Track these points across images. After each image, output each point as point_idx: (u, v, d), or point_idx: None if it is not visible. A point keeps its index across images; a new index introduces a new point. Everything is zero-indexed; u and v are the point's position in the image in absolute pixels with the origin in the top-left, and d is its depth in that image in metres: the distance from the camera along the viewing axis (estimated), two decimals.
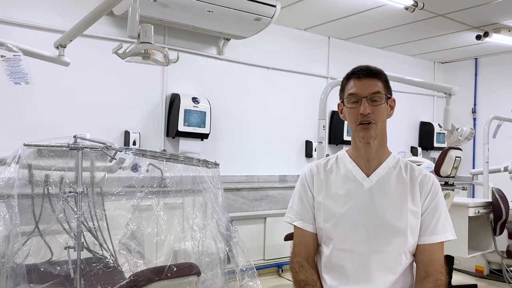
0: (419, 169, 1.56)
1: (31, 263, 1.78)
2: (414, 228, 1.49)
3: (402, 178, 1.52)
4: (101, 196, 2.08)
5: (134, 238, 1.87)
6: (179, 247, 1.91)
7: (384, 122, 1.51)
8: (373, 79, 1.50)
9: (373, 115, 1.46)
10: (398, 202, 1.49)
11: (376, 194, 1.50)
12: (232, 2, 3.63)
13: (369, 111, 1.45)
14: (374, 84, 1.49)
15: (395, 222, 1.47)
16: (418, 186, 1.51)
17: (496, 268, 4.31)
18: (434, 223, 1.49)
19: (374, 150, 1.53)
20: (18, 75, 2.13)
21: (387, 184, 1.51)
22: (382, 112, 1.49)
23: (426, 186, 1.52)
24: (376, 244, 1.47)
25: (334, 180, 1.57)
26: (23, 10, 3.43)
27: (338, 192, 1.54)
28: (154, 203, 1.78)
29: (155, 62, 1.92)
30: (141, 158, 1.74)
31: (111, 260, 2.04)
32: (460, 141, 3.28)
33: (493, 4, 4.07)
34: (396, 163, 1.56)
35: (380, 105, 1.48)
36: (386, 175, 1.53)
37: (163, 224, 1.79)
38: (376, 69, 1.54)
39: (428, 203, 1.51)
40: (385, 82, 1.52)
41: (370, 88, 1.48)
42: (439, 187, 1.55)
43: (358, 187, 1.52)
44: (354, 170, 1.55)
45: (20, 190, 1.56)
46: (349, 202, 1.51)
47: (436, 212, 1.50)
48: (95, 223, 2.04)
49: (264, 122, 4.76)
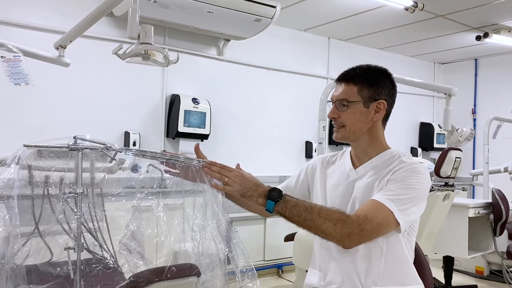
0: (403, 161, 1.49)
1: (31, 264, 1.78)
2: None
3: (384, 171, 1.50)
4: (101, 197, 2.08)
5: (134, 239, 1.87)
6: (179, 248, 1.91)
7: (356, 125, 1.51)
8: (347, 84, 1.53)
9: (341, 119, 1.53)
10: (367, 194, 1.48)
11: (356, 186, 1.54)
12: (232, 3, 3.63)
13: (335, 115, 1.54)
14: (346, 90, 1.52)
15: None
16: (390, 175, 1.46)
17: (496, 269, 4.30)
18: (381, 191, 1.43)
19: (361, 150, 1.57)
20: (18, 76, 2.13)
21: (369, 177, 1.52)
22: (350, 116, 1.51)
23: (392, 171, 1.46)
24: None
25: (332, 171, 1.65)
26: (23, 11, 3.43)
27: (330, 182, 1.62)
28: (154, 204, 1.78)
29: (155, 62, 1.92)
30: (141, 158, 1.74)
31: (111, 261, 2.04)
32: (460, 141, 3.28)
33: (493, 5, 4.07)
34: (388, 158, 1.53)
35: (346, 110, 1.51)
36: (372, 169, 1.53)
37: (163, 225, 1.79)
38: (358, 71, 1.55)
39: (389, 180, 1.45)
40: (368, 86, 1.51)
41: (340, 94, 1.54)
42: (409, 170, 1.45)
43: (344, 178, 1.58)
44: (347, 162, 1.62)
45: (20, 191, 1.56)
46: (336, 191, 1.58)
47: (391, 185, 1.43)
48: (95, 224, 2.04)
49: (264, 123, 4.76)
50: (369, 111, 1.52)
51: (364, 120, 1.52)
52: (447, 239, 3.62)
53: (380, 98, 1.53)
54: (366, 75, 1.55)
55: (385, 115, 1.56)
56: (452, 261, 3.91)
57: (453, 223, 3.60)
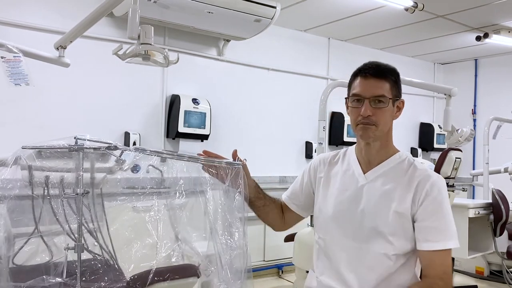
0: (421, 171, 1.45)
1: (31, 264, 1.78)
2: (401, 232, 1.42)
3: (399, 179, 1.45)
4: (101, 197, 2.08)
5: (134, 239, 1.87)
6: (179, 248, 1.91)
7: (387, 124, 1.46)
8: (379, 79, 1.44)
9: (375, 117, 1.42)
10: (383, 203, 1.43)
11: (367, 192, 1.47)
12: (232, 3, 3.63)
13: (369, 113, 1.42)
14: (380, 86, 1.43)
15: (376, 224, 1.43)
16: (414, 189, 1.42)
17: (497, 269, 4.30)
18: (430, 229, 1.39)
19: (375, 151, 1.50)
20: (18, 76, 2.13)
21: (381, 184, 1.46)
22: (384, 114, 1.44)
23: (422, 190, 1.41)
24: (359, 241, 1.46)
25: (335, 173, 1.58)
26: (23, 11, 3.43)
27: (335, 185, 1.55)
28: (155, 204, 1.78)
29: (155, 63, 1.92)
30: (141, 159, 1.74)
31: (111, 261, 2.04)
32: (460, 142, 3.27)
33: (493, 5, 4.07)
34: (399, 163, 1.49)
35: (383, 108, 1.43)
36: (383, 174, 1.48)
37: (163, 225, 1.79)
38: (386, 68, 1.48)
39: (424, 208, 1.40)
40: (394, 83, 1.46)
41: (374, 90, 1.43)
42: (440, 190, 1.43)
43: (353, 183, 1.51)
44: (354, 165, 1.54)
45: (20, 191, 1.56)
46: (342, 196, 1.52)
47: (431, 217, 1.39)
48: (95, 224, 2.04)
49: (264, 123, 4.76)
50: (394, 110, 1.47)
51: (390, 120, 1.47)
52: None
53: (401, 96, 1.49)
54: (391, 72, 1.48)
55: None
56: (452, 261, 3.90)
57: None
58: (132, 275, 1.85)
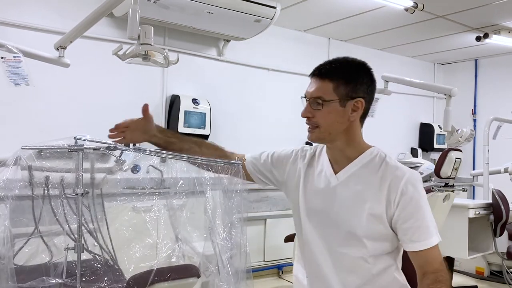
0: (394, 168, 1.39)
1: (30, 264, 1.78)
2: (377, 234, 1.38)
3: (371, 178, 1.40)
4: (101, 198, 2.08)
5: (134, 239, 1.87)
6: (179, 248, 1.91)
7: (332, 126, 1.40)
8: (322, 80, 1.40)
9: (315, 118, 1.40)
10: (357, 205, 1.39)
11: (339, 194, 1.43)
12: (232, 3, 3.63)
13: (309, 114, 1.40)
14: (320, 87, 1.39)
15: (351, 227, 1.39)
16: (387, 189, 1.36)
17: (497, 270, 4.30)
18: (414, 230, 1.34)
19: (338, 151, 1.46)
20: (18, 76, 2.13)
21: (353, 184, 1.42)
22: (324, 116, 1.39)
23: (396, 190, 1.35)
24: (337, 245, 1.43)
25: (311, 173, 1.54)
26: (23, 11, 3.43)
27: (310, 186, 1.51)
28: (155, 204, 1.79)
29: (155, 63, 1.92)
30: (141, 159, 1.74)
31: (111, 261, 2.04)
32: (460, 142, 3.27)
33: (493, 6, 4.07)
34: (370, 160, 1.43)
35: (321, 110, 1.38)
36: (354, 174, 1.43)
37: (163, 225, 1.79)
38: (334, 66, 1.42)
39: (402, 209, 1.35)
40: (345, 82, 1.38)
41: (314, 91, 1.40)
42: (415, 186, 1.36)
43: (326, 184, 1.47)
44: (326, 166, 1.50)
45: (20, 191, 1.56)
46: (317, 198, 1.48)
47: (413, 217, 1.34)
48: (95, 224, 2.04)
49: (264, 124, 4.75)
50: (346, 110, 1.39)
51: (340, 120, 1.39)
52: (447, 239, 3.58)
53: (358, 96, 1.39)
54: (343, 70, 1.41)
55: (363, 113, 1.43)
56: (452, 261, 3.91)
57: (453, 223, 3.59)
58: (132, 275, 1.85)
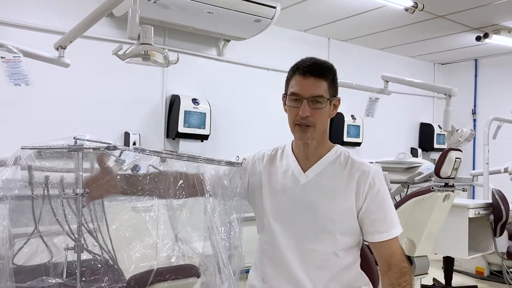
0: (359, 164, 1.45)
1: (30, 264, 1.78)
2: (348, 228, 1.43)
3: (339, 174, 1.44)
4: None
5: (134, 239, 1.87)
6: (179, 248, 1.91)
7: (324, 124, 1.45)
8: (318, 79, 1.41)
9: (312, 118, 1.40)
10: (329, 200, 1.42)
11: (310, 191, 1.44)
12: (232, 3, 3.63)
13: (308, 114, 1.40)
14: (318, 85, 1.40)
15: (323, 223, 1.42)
16: (355, 183, 1.41)
17: (497, 270, 4.30)
18: (381, 221, 1.41)
19: (313, 149, 1.48)
20: (18, 76, 2.13)
21: (322, 181, 1.44)
22: (322, 115, 1.41)
23: (364, 184, 1.41)
24: (307, 242, 1.44)
25: (275, 173, 1.53)
26: (23, 11, 3.43)
27: (276, 186, 1.50)
28: (155, 204, 1.78)
29: (155, 63, 1.92)
30: (141, 159, 1.74)
31: (111, 261, 2.04)
32: (460, 142, 3.27)
33: (493, 6, 4.07)
34: (336, 158, 1.47)
35: (321, 109, 1.40)
36: (323, 171, 1.46)
37: (163, 225, 1.79)
38: (324, 66, 1.45)
39: (370, 201, 1.41)
40: (331, 81, 1.43)
41: (313, 90, 1.40)
42: (381, 180, 1.44)
43: (294, 182, 1.47)
44: (293, 165, 1.50)
45: (20, 191, 1.56)
46: (284, 197, 1.48)
47: (380, 209, 1.41)
48: (95, 224, 2.04)
49: (264, 124, 4.75)
50: (331, 109, 1.45)
51: (327, 119, 1.46)
52: (447, 239, 3.61)
53: (336, 94, 1.47)
54: (330, 70, 1.46)
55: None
56: (452, 261, 3.90)
57: (453, 223, 3.59)
58: (132, 275, 1.84)
